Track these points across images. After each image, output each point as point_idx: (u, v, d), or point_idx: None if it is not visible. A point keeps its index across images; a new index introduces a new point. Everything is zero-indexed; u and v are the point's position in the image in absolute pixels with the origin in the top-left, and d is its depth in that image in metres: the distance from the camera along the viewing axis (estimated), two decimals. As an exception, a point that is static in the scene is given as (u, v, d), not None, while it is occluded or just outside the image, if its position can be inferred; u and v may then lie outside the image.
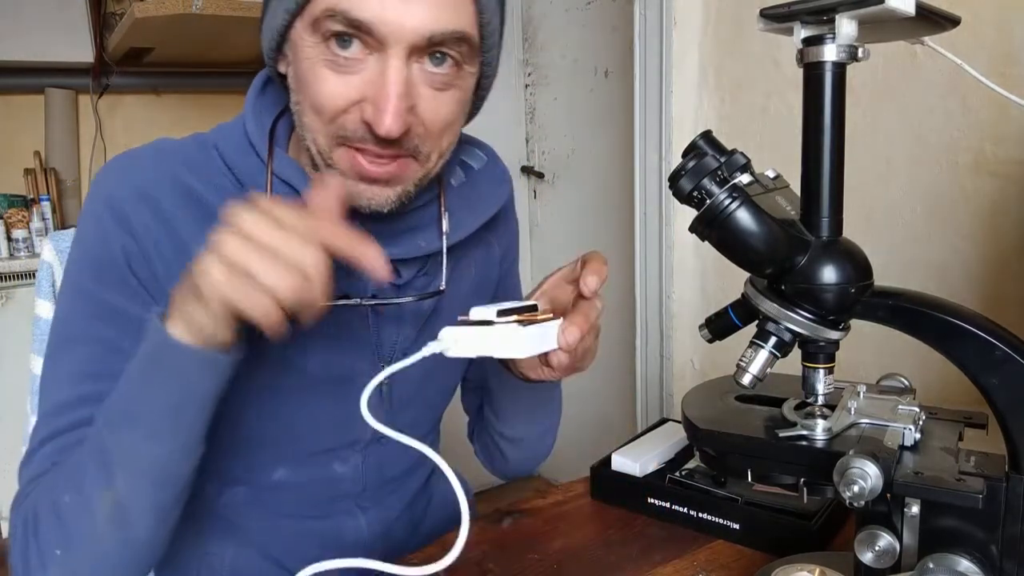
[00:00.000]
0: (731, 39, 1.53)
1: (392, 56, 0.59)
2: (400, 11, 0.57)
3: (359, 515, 0.84)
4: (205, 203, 0.68)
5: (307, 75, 0.62)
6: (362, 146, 0.62)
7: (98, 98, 2.86)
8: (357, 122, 0.61)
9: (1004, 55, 1.09)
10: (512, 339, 0.56)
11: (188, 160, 0.70)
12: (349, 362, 0.76)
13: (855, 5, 0.52)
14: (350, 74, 0.60)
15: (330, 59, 0.60)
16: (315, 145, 0.64)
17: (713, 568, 0.76)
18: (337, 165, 0.64)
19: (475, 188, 0.80)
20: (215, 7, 2.04)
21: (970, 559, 0.55)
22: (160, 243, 0.67)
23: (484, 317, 0.58)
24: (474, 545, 0.82)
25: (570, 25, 2.45)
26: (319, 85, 0.61)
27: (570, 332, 0.62)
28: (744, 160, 0.58)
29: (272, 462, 0.78)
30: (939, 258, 1.22)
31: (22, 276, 2.42)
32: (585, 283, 0.65)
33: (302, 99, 0.64)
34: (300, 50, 0.61)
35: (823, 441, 0.60)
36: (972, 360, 0.55)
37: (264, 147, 0.69)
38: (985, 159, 1.14)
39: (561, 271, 0.72)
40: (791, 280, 0.58)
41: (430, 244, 0.73)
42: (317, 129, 0.63)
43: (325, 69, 0.60)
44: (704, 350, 1.68)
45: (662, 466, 0.94)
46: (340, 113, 0.61)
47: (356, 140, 0.62)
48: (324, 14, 0.58)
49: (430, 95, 0.62)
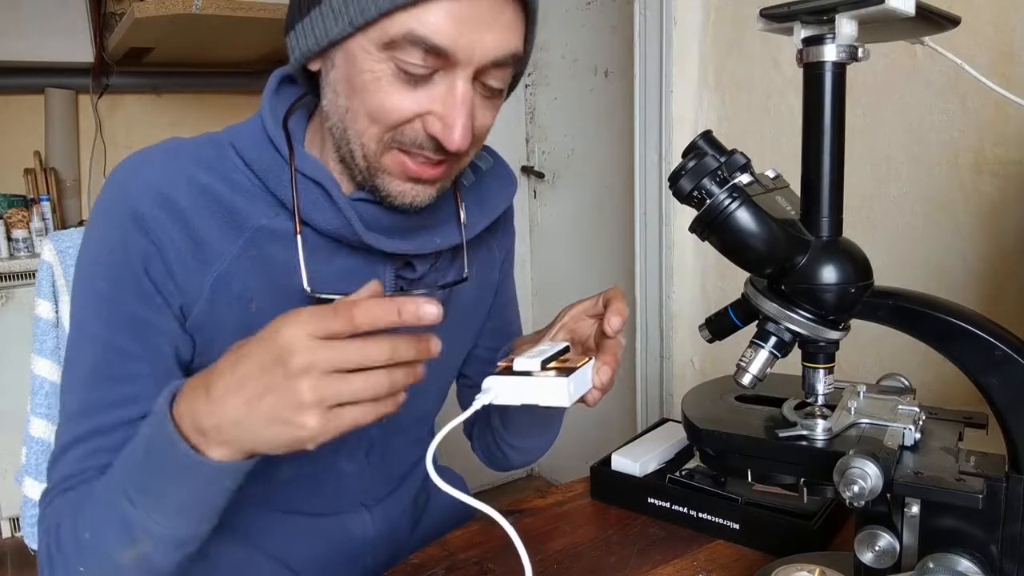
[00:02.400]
0: (731, 39, 1.53)
1: (461, 76, 0.62)
2: (475, 38, 0.60)
3: (364, 512, 0.84)
4: (221, 199, 0.68)
5: (368, 85, 0.62)
6: (416, 151, 0.65)
7: (98, 98, 2.86)
8: (419, 132, 0.63)
9: (1004, 55, 1.09)
10: (556, 389, 0.58)
11: (201, 158, 0.70)
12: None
13: (855, 5, 0.52)
14: (418, 88, 0.62)
15: (399, 74, 0.61)
16: (362, 148, 0.65)
17: (713, 568, 0.76)
18: (384, 167, 0.66)
19: (483, 188, 0.82)
20: (215, 7, 2.04)
21: (970, 559, 0.55)
22: (176, 242, 0.67)
23: (527, 368, 0.60)
24: (474, 545, 0.82)
25: (570, 25, 2.45)
26: (383, 96, 0.62)
27: (604, 372, 0.66)
28: (744, 160, 0.58)
29: (278, 458, 0.78)
30: (939, 258, 1.22)
31: (22, 276, 2.42)
32: (609, 324, 0.68)
33: (354, 105, 0.64)
34: (359, 61, 0.62)
35: (823, 441, 0.60)
36: (972, 360, 0.55)
37: (282, 141, 0.69)
38: (985, 159, 1.14)
39: (582, 304, 0.74)
40: (791, 280, 0.59)
41: (445, 240, 0.75)
42: (370, 134, 0.64)
43: (393, 81, 0.62)
44: (704, 350, 1.68)
45: (662, 466, 0.94)
46: (403, 123, 0.63)
47: (412, 147, 0.64)
48: (403, 38, 0.59)
49: (481, 106, 0.66)
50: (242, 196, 0.69)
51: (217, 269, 0.68)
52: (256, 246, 0.69)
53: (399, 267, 0.75)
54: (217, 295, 0.68)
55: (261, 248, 0.69)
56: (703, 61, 1.59)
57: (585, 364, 0.63)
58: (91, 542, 0.61)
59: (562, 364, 0.62)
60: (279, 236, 0.69)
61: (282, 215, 0.70)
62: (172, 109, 2.97)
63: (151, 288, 0.67)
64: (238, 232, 0.69)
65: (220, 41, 2.39)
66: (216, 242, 0.68)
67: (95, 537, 0.60)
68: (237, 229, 0.69)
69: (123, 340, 0.67)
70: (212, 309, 0.69)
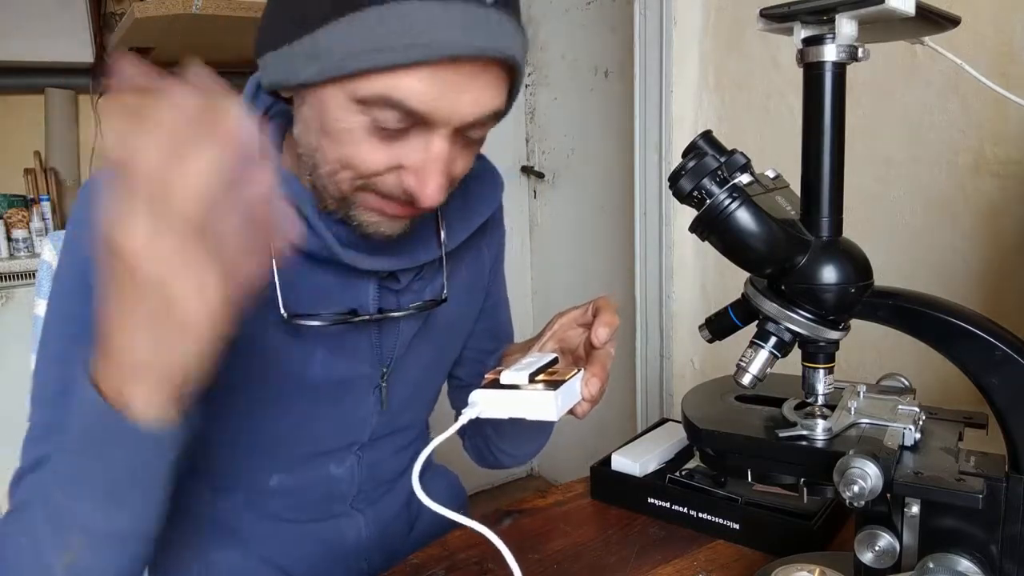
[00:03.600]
0: (731, 39, 1.53)
1: (438, 134, 0.59)
2: (453, 100, 0.57)
3: (357, 516, 0.84)
4: None
5: (341, 136, 0.59)
6: (390, 198, 0.63)
7: (98, 98, 2.86)
8: (395, 184, 0.61)
9: (1004, 55, 1.09)
10: (543, 403, 0.58)
11: None
12: (350, 367, 0.76)
13: (855, 5, 0.52)
14: (393, 143, 0.60)
15: (373, 129, 0.58)
16: (336, 186, 0.63)
17: (713, 568, 0.76)
18: (357, 202, 0.64)
19: (468, 193, 0.79)
20: (215, 7, 2.04)
21: (970, 559, 0.55)
22: None
23: (514, 381, 0.60)
24: (474, 545, 0.82)
25: (570, 25, 2.45)
26: (355, 148, 0.60)
27: (593, 384, 0.65)
28: (744, 160, 0.58)
29: (268, 467, 0.78)
30: (939, 258, 1.22)
31: (22, 276, 2.42)
32: (596, 335, 0.67)
33: (326, 149, 0.61)
34: (331, 110, 0.59)
35: (823, 441, 0.60)
36: (972, 360, 0.55)
37: None
38: (985, 159, 1.14)
39: (571, 313, 0.73)
40: (791, 280, 0.58)
41: (428, 254, 0.74)
42: (342, 177, 0.62)
43: (367, 135, 0.59)
44: (704, 350, 1.68)
45: (662, 466, 0.94)
46: (377, 175, 0.61)
47: (386, 194, 0.62)
48: (376, 99, 0.56)
49: (460, 156, 0.64)
50: None
51: None
52: None
53: (383, 279, 0.73)
54: None
55: None
56: (703, 61, 1.59)
57: (573, 376, 0.62)
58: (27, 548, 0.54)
59: (550, 377, 0.61)
60: None
61: None
62: (172, 109, 2.97)
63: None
64: None
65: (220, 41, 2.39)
66: None
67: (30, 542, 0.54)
68: None
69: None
70: None
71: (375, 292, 0.73)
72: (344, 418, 0.78)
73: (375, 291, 0.73)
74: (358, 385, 0.77)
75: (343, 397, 0.77)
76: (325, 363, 0.74)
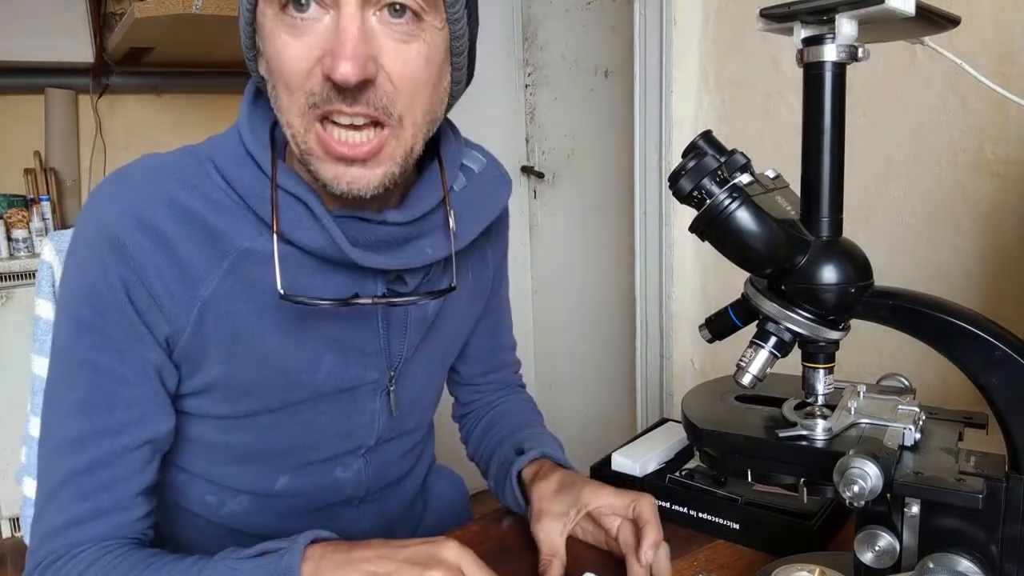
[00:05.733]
0: (731, 39, 1.53)
1: (345, 9, 0.58)
2: None
3: (362, 517, 0.84)
4: (205, 221, 0.66)
5: (271, 51, 0.61)
6: (331, 109, 0.60)
7: (98, 98, 2.86)
8: (320, 81, 0.60)
9: (1004, 55, 1.09)
10: None
11: (182, 177, 0.67)
12: (358, 373, 0.76)
13: (855, 5, 0.52)
14: (309, 35, 0.59)
15: (288, 24, 0.60)
16: (291, 131, 0.63)
17: (713, 568, 0.76)
18: (311, 149, 0.62)
19: (476, 191, 0.78)
20: (215, 7, 2.04)
21: (970, 559, 0.55)
22: (161, 267, 0.65)
23: None
24: (473, 545, 0.82)
25: (570, 25, 2.45)
26: (280, 53, 0.60)
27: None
28: (744, 160, 0.58)
29: (276, 472, 0.78)
30: (939, 258, 1.22)
31: (22, 276, 2.43)
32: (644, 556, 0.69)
33: (275, 81, 0.62)
34: (264, 29, 0.62)
35: (823, 441, 0.60)
36: (972, 360, 0.55)
37: (263, 158, 0.67)
38: (985, 159, 1.14)
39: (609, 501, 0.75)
40: (791, 280, 0.58)
41: (436, 251, 0.72)
42: (291, 111, 0.62)
43: (285, 36, 0.60)
44: (704, 350, 1.68)
45: (662, 466, 0.94)
46: (304, 77, 0.60)
47: (324, 104, 0.60)
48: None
49: (392, 47, 0.60)
50: (225, 217, 0.66)
51: (203, 295, 0.66)
52: (240, 269, 0.67)
53: (390, 280, 0.73)
54: (204, 321, 0.67)
55: (246, 272, 0.67)
56: (703, 61, 1.59)
57: None
58: None
59: None
60: (264, 258, 0.66)
61: (265, 234, 0.67)
62: (172, 109, 2.97)
63: (135, 316, 0.65)
64: (222, 255, 0.66)
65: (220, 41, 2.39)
66: (200, 266, 0.66)
67: None
68: (221, 252, 0.66)
69: (114, 365, 0.65)
70: (199, 336, 0.67)
71: (382, 294, 0.73)
72: (351, 423, 0.78)
73: (382, 293, 0.73)
74: (366, 391, 0.77)
75: (351, 403, 0.77)
76: (333, 370, 0.74)
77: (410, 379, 0.81)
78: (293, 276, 0.67)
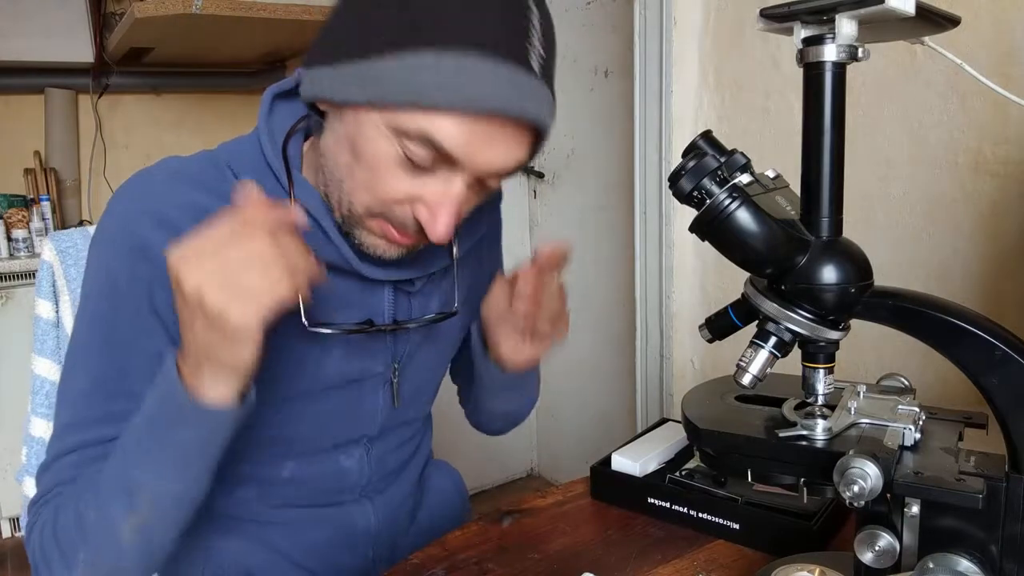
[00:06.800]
0: (731, 39, 1.53)
1: (460, 177, 0.62)
2: (483, 149, 0.60)
3: (366, 503, 0.86)
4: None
5: (372, 160, 0.62)
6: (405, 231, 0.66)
7: (98, 98, 2.86)
8: (408, 214, 0.64)
9: (1004, 55, 1.09)
10: None
11: (202, 181, 0.69)
12: (364, 366, 0.78)
13: (855, 5, 0.52)
14: (417, 176, 0.62)
15: (403, 160, 0.61)
16: (351, 205, 0.65)
17: (713, 568, 0.76)
18: (367, 226, 0.66)
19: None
20: (215, 7, 2.04)
21: (970, 559, 0.55)
22: None
23: None
24: (473, 545, 0.82)
25: (570, 25, 2.45)
26: (384, 175, 0.62)
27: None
28: (744, 160, 0.58)
29: (280, 460, 0.79)
30: (939, 258, 1.22)
31: (22, 276, 2.43)
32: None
33: (354, 168, 0.64)
34: (368, 132, 0.61)
35: (823, 441, 0.60)
36: (972, 360, 0.55)
37: (281, 170, 0.69)
38: (985, 159, 1.14)
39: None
40: (791, 280, 0.59)
41: (438, 262, 0.78)
42: (361, 199, 0.64)
43: (396, 165, 0.62)
44: (704, 350, 1.68)
45: (662, 466, 0.94)
46: (394, 199, 0.63)
47: (399, 224, 0.65)
48: (413, 133, 0.59)
49: (472, 198, 0.66)
50: None
51: None
52: None
53: (398, 284, 0.77)
54: None
55: None
56: (703, 61, 1.59)
57: None
58: (94, 520, 0.62)
59: None
60: None
61: None
62: (172, 109, 2.97)
63: (154, 316, 0.67)
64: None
65: (220, 41, 2.39)
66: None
67: (99, 514, 0.62)
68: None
69: (123, 359, 0.68)
70: None
71: (390, 297, 0.77)
72: (356, 413, 0.81)
73: (390, 296, 0.77)
74: (371, 382, 0.80)
75: (356, 393, 0.79)
76: (341, 363, 0.76)
77: (412, 373, 0.84)
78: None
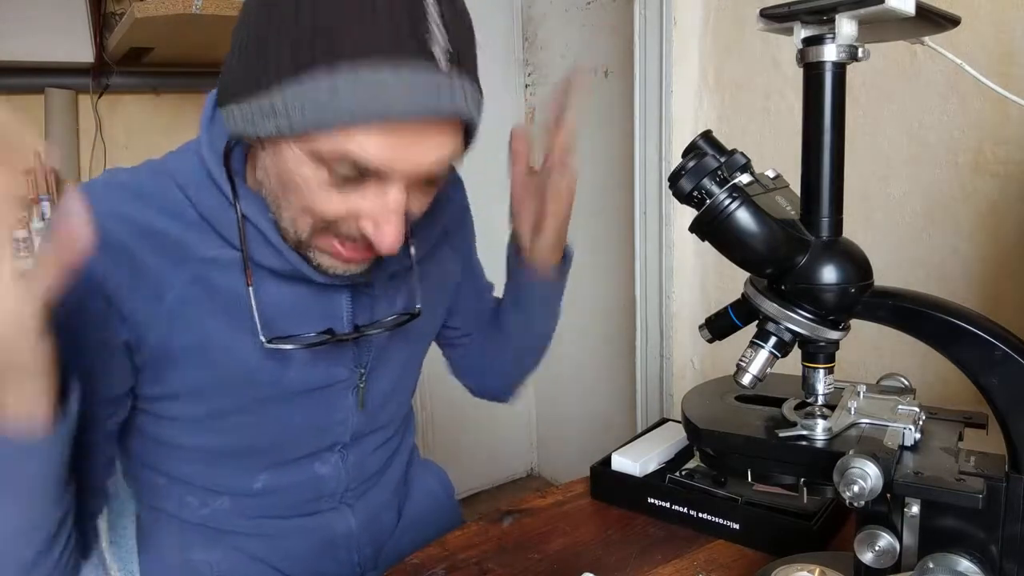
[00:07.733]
0: (731, 39, 1.53)
1: (393, 186, 0.61)
2: (406, 155, 0.59)
3: (346, 510, 0.85)
4: (167, 234, 0.67)
5: (299, 187, 0.61)
6: (353, 244, 0.64)
7: (98, 98, 2.86)
8: (353, 228, 0.63)
9: (1004, 55, 1.09)
10: None
11: (143, 194, 0.68)
12: (328, 371, 0.77)
13: (855, 5, 0.52)
14: (350, 191, 0.61)
15: (331, 180, 0.60)
16: (294, 230, 0.65)
17: (713, 568, 0.76)
18: (317, 245, 0.66)
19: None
20: (215, 7, 2.04)
21: (970, 559, 0.55)
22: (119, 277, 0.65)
23: None
24: (473, 545, 0.82)
25: (570, 25, 2.45)
26: (314, 198, 0.61)
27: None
28: (744, 160, 0.58)
29: (253, 471, 0.78)
30: (939, 258, 1.22)
31: (22, 276, 2.42)
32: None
33: (285, 197, 0.63)
34: (289, 162, 0.60)
35: (823, 441, 0.60)
36: (972, 360, 0.55)
37: (225, 182, 0.67)
38: (985, 159, 1.14)
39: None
40: (791, 280, 0.58)
41: (397, 263, 0.77)
42: (302, 222, 0.64)
43: (325, 187, 0.60)
44: (704, 350, 1.68)
45: (662, 466, 0.94)
46: (336, 220, 0.63)
47: (347, 239, 0.64)
48: (332, 155, 0.58)
49: (416, 199, 0.65)
50: (190, 230, 0.68)
51: (167, 302, 0.67)
52: (204, 277, 0.68)
53: (357, 287, 0.75)
54: (171, 328, 0.67)
55: (209, 278, 0.68)
56: (703, 61, 1.59)
57: None
58: None
59: None
60: (227, 265, 0.68)
61: (227, 246, 0.69)
62: (172, 109, 2.97)
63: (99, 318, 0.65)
64: (184, 264, 0.67)
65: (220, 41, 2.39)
66: (162, 275, 0.67)
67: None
68: (183, 261, 0.67)
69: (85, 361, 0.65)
70: (164, 343, 0.68)
71: (349, 302, 0.75)
72: (323, 421, 0.79)
73: (349, 301, 0.75)
74: (336, 389, 0.78)
75: (321, 401, 0.77)
76: (302, 371, 0.75)
77: (382, 375, 0.82)
78: (259, 283, 0.69)
